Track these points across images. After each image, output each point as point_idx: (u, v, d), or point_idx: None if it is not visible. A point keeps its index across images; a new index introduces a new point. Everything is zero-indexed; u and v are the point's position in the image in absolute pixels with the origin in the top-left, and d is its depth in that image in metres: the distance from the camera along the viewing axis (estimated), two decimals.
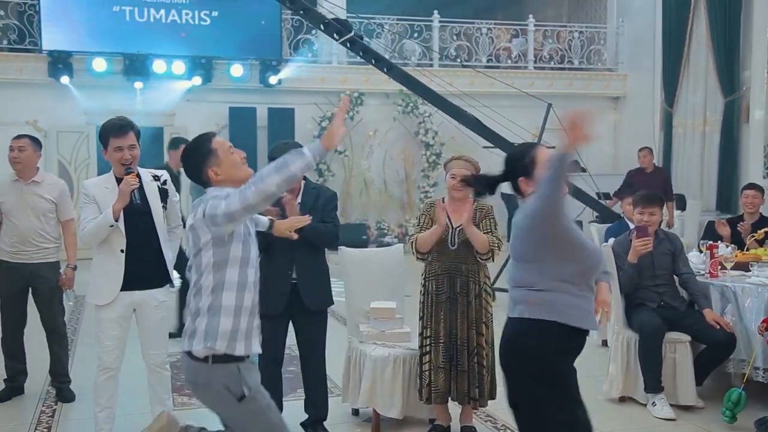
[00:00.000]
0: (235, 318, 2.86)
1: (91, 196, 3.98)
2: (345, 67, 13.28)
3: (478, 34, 13.98)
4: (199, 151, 2.93)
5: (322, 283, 4.35)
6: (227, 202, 2.69)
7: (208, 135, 2.99)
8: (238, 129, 12.60)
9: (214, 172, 2.90)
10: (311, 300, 4.23)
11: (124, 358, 4.13)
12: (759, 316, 4.79)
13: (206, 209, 2.76)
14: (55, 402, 5.10)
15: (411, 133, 13.37)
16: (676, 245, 5.21)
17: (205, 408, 3.05)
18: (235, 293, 2.86)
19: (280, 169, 2.64)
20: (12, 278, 5.03)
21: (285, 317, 4.26)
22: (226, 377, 2.83)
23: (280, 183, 2.65)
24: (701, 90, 12.03)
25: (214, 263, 2.83)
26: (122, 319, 4.04)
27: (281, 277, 4.19)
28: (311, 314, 4.27)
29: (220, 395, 2.85)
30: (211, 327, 2.83)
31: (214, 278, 2.84)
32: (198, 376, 2.89)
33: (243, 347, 2.87)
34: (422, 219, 4.39)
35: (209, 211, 2.74)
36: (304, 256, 4.21)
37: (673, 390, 4.93)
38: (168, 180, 4.22)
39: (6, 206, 5.00)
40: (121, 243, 3.97)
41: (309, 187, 4.32)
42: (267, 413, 2.90)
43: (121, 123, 4.01)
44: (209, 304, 2.84)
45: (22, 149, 4.99)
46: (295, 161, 2.64)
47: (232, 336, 2.84)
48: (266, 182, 2.63)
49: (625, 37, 14.29)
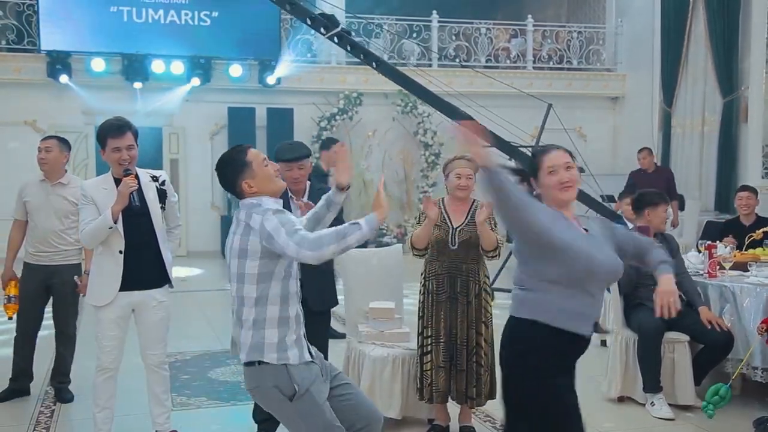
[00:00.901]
0: (281, 329, 2.91)
1: (90, 198, 3.97)
2: (344, 67, 13.29)
3: (477, 34, 13.99)
4: (234, 163, 2.97)
5: (326, 283, 4.35)
6: (287, 242, 2.78)
7: (243, 147, 3.03)
8: (236, 129, 12.61)
9: (248, 184, 2.94)
10: (315, 300, 4.23)
11: (123, 358, 4.14)
12: (757, 316, 4.79)
13: (270, 225, 2.82)
14: (54, 402, 5.10)
15: (410, 133, 13.38)
16: (673, 246, 5.22)
17: (204, 409, 3.06)
18: (279, 305, 2.92)
19: (339, 239, 2.77)
20: (32, 279, 5.03)
21: None
22: (275, 378, 2.88)
23: (335, 252, 2.80)
24: (700, 90, 12.04)
25: (258, 275, 2.88)
26: (121, 319, 4.04)
27: None
28: (314, 314, 4.27)
29: (272, 396, 2.91)
30: (256, 340, 2.89)
31: (257, 290, 2.89)
32: (250, 381, 2.96)
33: (297, 355, 2.92)
34: (420, 217, 4.40)
35: (271, 230, 2.81)
36: None
37: (671, 390, 4.94)
38: (167, 180, 4.22)
39: (30, 206, 5.01)
40: (120, 244, 3.97)
41: (314, 188, 4.33)
42: (321, 411, 2.91)
43: (118, 123, 4.00)
44: (253, 318, 2.90)
45: (48, 150, 4.99)
46: (354, 233, 2.79)
47: (280, 347, 2.90)
48: (323, 250, 2.77)
49: (623, 37, 14.30)
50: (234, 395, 5.25)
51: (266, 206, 2.90)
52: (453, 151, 8.92)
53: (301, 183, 4.23)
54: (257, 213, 2.88)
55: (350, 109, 12.98)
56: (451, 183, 4.30)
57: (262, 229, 2.83)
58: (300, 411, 2.88)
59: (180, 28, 12.35)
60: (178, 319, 6.96)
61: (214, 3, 12.44)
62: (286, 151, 4.21)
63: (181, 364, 5.96)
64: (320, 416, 2.89)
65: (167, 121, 12.79)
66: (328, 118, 12.88)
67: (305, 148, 4.32)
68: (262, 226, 2.83)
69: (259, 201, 2.93)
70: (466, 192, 4.25)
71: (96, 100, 11.90)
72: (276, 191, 2.99)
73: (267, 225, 2.82)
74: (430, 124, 13.05)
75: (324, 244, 2.76)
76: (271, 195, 2.96)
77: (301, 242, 2.77)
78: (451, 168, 4.30)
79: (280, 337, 2.90)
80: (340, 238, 2.77)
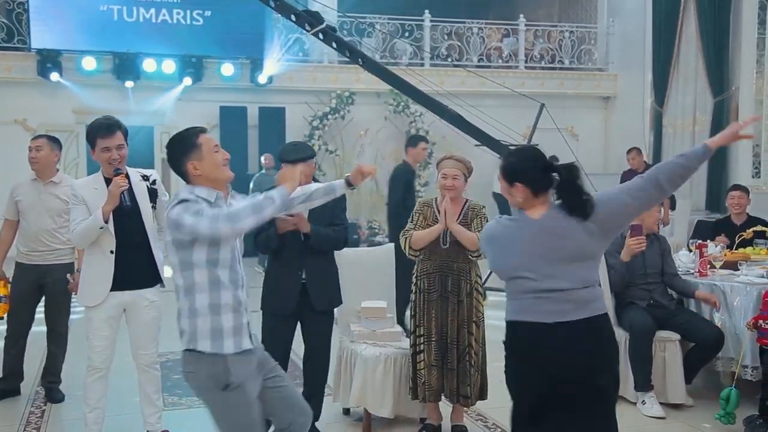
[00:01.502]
0: (214, 317, 2.85)
1: (80, 198, 3.96)
2: (336, 66, 13.27)
3: (469, 33, 14.00)
4: (184, 142, 2.94)
5: (331, 283, 4.36)
6: (195, 221, 2.73)
7: (197, 129, 3.00)
8: (228, 128, 12.59)
9: (194, 166, 2.90)
10: (319, 300, 4.24)
11: (114, 357, 4.12)
12: (747, 315, 4.81)
13: (173, 214, 2.79)
14: (44, 402, 5.08)
15: (402, 132, 13.37)
16: (665, 246, 5.25)
17: (195, 409, 3.05)
18: (208, 293, 2.85)
19: (256, 212, 2.77)
20: (25, 279, 5.02)
21: (294, 317, 4.27)
22: (210, 366, 2.85)
23: (252, 225, 2.79)
24: (691, 90, 12.08)
25: (180, 263, 2.86)
26: (112, 319, 4.03)
27: (291, 277, 4.21)
28: (319, 314, 4.28)
29: (205, 384, 2.89)
30: (192, 328, 2.86)
31: (184, 280, 2.86)
32: (187, 365, 2.92)
33: (231, 345, 2.87)
34: (416, 217, 4.39)
35: (174, 217, 2.78)
36: (314, 256, 4.22)
37: (662, 388, 4.96)
38: (158, 180, 4.21)
39: (23, 205, 4.99)
40: (111, 244, 3.95)
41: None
42: (249, 408, 2.89)
43: (108, 123, 3.99)
44: (187, 307, 2.87)
45: (39, 149, 4.97)
46: (269, 207, 2.80)
47: (214, 335, 2.85)
48: (242, 223, 2.74)
49: (615, 37, 14.34)
50: None
51: (181, 195, 2.85)
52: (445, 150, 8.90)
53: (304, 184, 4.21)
54: (173, 203, 2.86)
55: (342, 108, 12.97)
56: (439, 183, 4.31)
57: (168, 220, 2.82)
58: (229, 403, 2.86)
59: (172, 27, 12.32)
60: (169, 319, 6.95)
61: (206, 2, 12.42)
62: (290, 152, 4.18)
63: (172, 364, 5.94)
64: (247, 413, 2.87)
65: (159, 120, 12.74)
66: (321, 118, 12.87)
67: (310, 148, 4.31)
68: (167, 218, 2.83)
69: (190, 189, 2.89)
70: (452, 192, 4.24)
71: (87, 98, 11.86)
72: (221, 180, 2.94)
73: (171, 214, 2.80)
74: (423, 124, 13.05)
75: (242, 217, 2.74)
76: (215, 183, 2.91)
77: (216, 218, 2.73)
78: (440, 168, 4.31)
79: (213, 325, 2.84)
80: (257, 211, 2.77)
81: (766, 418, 4.45)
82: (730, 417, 4.50)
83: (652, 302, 5.09)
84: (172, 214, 2.79)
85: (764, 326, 4.53)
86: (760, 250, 5.82)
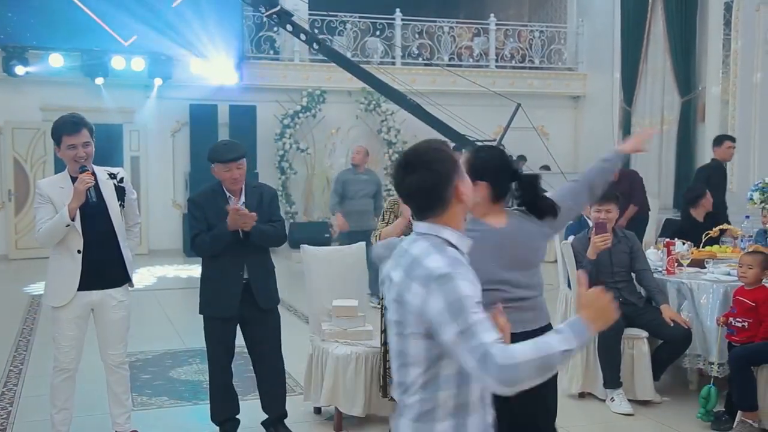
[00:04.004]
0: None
1: (46, 196, 3.89)
2: (307, 64, 13.23)
3: (440, 32, 14.03)
4: (448, 156, 2.09)
5: (271, 281, 4.33)
6: (481, 357, 1.84)
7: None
8: (198, 127, 12.49)
9: (460, 189, 2.06)
10: (263, 298, 4.21)
11: (82, 357, 4.07)
12: (714, 312, 4.88)
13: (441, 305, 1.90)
14: (10, 403, 5.01)
15: (373, 131, 13.37)
16: (634, 243, 5.28)
17: (165, 409, 3.02)
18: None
19: (543, 369, 1.86)
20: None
21: (236, 319, 4.23)
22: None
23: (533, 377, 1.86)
24: (659, 90, 12.21)
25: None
26: (80, 319, 3.97)
27: (232, 277, 4.15)
28: (262, 313, 4.25)
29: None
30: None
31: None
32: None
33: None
34: (386, 215, 4.39)
35: (465, 325, 1.87)
36: (255, 255, 4.19)
37: (631, 385, 5.01)
38: (125, 177, 4.12)
39: None
40: (78, 243, 3.89)
41: (250, 187, 4.26)
42: None
43: (74, 120, 3.91)
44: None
45: None
46: (561, 360, 1.89)
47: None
48: (518, 382, 1.85)
49: (584, 37, 14.45)
50: (195, 394, 5.21)
51: (435, 251, 1.99)
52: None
53: (239, 183, 4.16)
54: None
55: (313, 106, 12.93)
56: None
57: (449, 310, 1.90)
58: None
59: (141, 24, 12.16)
60: (139, 318, 6.88)
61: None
62: (224, 152, 4.12)
63: (142, 364, 5.89)
64: None
65: (128, 118, 12.61)
66: (292, 116, 12.81)
67: (241, 147, 4.23)
68: (428, 309, 1.93)
69: (438, 231, 2.04)
70: None
71: (54, 96, 11.68)
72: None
73: (436, 304, 1.92)
74: (394, 122, 13.06)
75: (520, 373, 1.85)
76: (461, 220, 2.12)
77: (485, 357, 1.85)
78: None
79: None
80: (545, 366, 1.86)
81: (732, 413, 4.52)
82: (710, 415, 4.56)
83: (621, 300, 5.13)
84: (439, 304, 1.89)
85: (734, 323, 4.61)
86: (725, 249, 5.91)
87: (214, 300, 4.20)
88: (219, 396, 4.30)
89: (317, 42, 8.57)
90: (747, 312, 4.57)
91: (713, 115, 11.18)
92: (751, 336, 4.54)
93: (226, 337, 4.22)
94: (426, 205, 2.05)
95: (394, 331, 2.05)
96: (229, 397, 4.33)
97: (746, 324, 4.55)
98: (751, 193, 6.32)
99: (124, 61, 11.92)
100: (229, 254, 4.11)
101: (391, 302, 2.04)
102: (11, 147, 11.96)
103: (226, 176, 4.10)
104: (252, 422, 4.41)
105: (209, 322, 4.24)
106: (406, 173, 2.05)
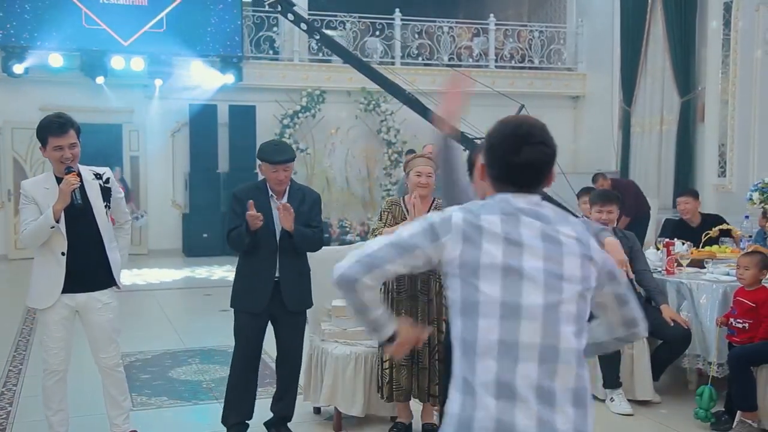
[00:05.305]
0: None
1: (31, 197, 3.82)
2: (306, 64, 13.24)
3: (439, 32, 14.04)
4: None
5: (303, 283, 4.33)
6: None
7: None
8: (198, 127, 12.50)
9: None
10: (291, 300, 4.22)
11: (78, 358, 4.04)
12: (713, 312, 4.89)
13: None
14: (9, 403, 5.00)
15: (373, 131, 13.38)
16: (634, 243, 5.28)
17: (165, 409, 3.01)
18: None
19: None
20: None
21: (265, 315, 4.24)
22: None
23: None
24: (658, 90, 12.22)
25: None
26: (66, 320, 3.91)
27: (264, 275, 4.17)
28: (291, 315, 4.26)
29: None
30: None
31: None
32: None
33: None
34: (384, 216, 4.39)
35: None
36: (289, 256, 4.20)
37: (630, 385, 5.01)
38: (111, 178, 4.04)
39: None
40: (62, 245, 3.82)
41: (294, 188, 4.28)
42: None
43: (60, 121, 3.81)
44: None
45: None
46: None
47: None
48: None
49: (584, 37, 14.46)
50: (195, 394, 5.20)
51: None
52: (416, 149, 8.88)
53: (284, 185, 4.18)
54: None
55: (313, 106, 12.93)
56: (412, 181, 4.30)
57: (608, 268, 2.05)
58: None
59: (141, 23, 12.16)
60: (138, 319, 6.89)
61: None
62: (273, 153, 4.14)
63: (141, 364, 5.88)
64: None
65: (127, 117, 12.61)
66: (291, 116, 12.82)
67: (291, 150, 4.26)
68: (606, 265, 2.05)
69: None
70: (426, 190, 4.25)
71: (53, 96, 11.65)
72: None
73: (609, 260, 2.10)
74: (393, 122, 13.07)
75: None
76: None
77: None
78: (412, 166, 4.32)
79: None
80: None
81: (731, 413, 4.52)
82: (708, 414, 4.56)
83: None
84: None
85: (734, 324, 4.61)
86: (725, 249, 5.91)
87: (244, 294, 4.23)
88: (234, 397, 4.28)
89: (318, 32, 8.63)
90: (747, 313, 4.57)
91: (713, 115, 11.18)
92: (751, 337, 4.54)
93: (253, 333, 4.21)
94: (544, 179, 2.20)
95: (574, 291, 1.93)
96: (246, 398, 4.30)
97: (746, 325, 4.55)
98: (751, 193, 6.33)
99: (123, 61, 11.91)
100: (265, 252, 4.14)
101: (572, 258, 1.96)
102: (10, 147, 11.96)
103: (272, 176, 4.12)
104: (255, 421, 4.40)
105: (238, 315, 4.26)
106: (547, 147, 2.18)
